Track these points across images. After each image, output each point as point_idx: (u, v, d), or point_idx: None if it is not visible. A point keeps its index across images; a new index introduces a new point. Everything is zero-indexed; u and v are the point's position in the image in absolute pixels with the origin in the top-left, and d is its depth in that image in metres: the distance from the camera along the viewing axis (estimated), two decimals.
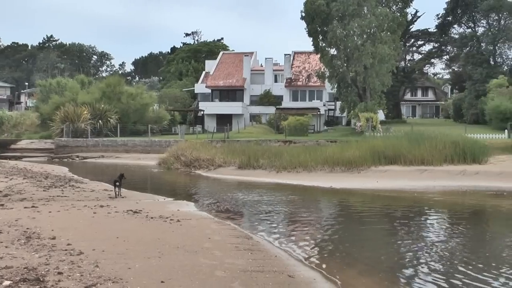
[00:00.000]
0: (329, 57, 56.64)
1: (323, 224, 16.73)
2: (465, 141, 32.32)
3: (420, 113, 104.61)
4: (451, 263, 11.35)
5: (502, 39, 71.57)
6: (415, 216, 18.27)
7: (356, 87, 56.46)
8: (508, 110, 53.69)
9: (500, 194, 22.96)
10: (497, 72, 68.04)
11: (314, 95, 77.59)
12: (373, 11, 54.36)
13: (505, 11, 70.22)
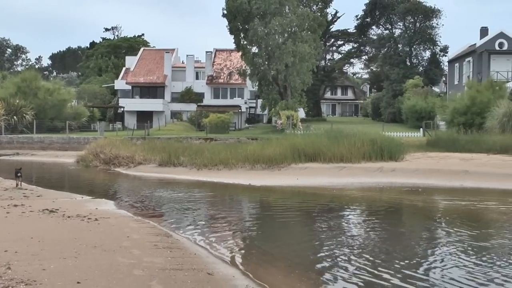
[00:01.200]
0: (251, 55, 56.93)
1: (243, 222, 16.79)
2: (383, 139, 33.18)
3: (340, 112, 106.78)
4: (368, 258, 11.60)
5: (417, 41, 74.08)
6: (334, 213, 18.58)
7: (277, 85, 57.01)
8: (423, 109, 55.63)
9: (415, 190, 23.66)
10: (413, 73, 70.40)
11: (236, 92, 77.81)
12: (294, 10, 55.08)
13: (420, 14, 72.71)
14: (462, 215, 17.59)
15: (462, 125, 41.06)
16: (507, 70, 56.83)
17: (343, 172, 28.27)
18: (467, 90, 48.53)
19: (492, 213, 18.34)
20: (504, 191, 23.15)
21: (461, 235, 14.12)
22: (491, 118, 40.69)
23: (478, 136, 36.98)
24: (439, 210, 19.36)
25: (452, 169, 28.02)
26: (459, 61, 65.06)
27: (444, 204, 20.56)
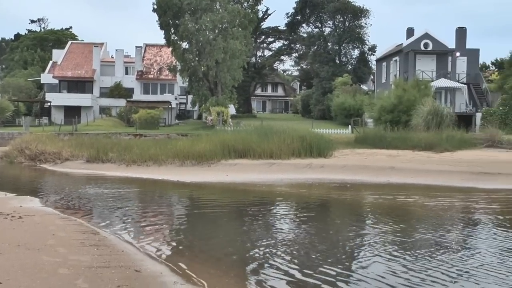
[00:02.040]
0: (181, 51, 56.45)
1: (172, 218, 16.67)
2: (312, 136, 33.64)
3: (270, 108, 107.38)
4: (295, 253, 11.72)
5: (346, 40, 75.32)
6: (263, 209, 18.67)
7: (208, 81, 56.81)
8: (351, 107, 56.60)
9: (343, 186, 24.07)
10: (342, 71, 71.52)
11: (166, 88, 76.98)
12: (225, 7, 54.96)
13: (349, 14, 73.93)
14: (388, 210, 18.03)
15: (389, 123, 42.03)
16: (431, 69, 58.48)
17: (272, 168, 28.46)
18: (394, 89, 49.68)
19: (416, 208, 18.85)
20: (428, 186, 23.86)
21: (387, 229, 14.47)
22: (416, 116, 41.85)
23: (404, 133, 38.03)
24: (366, 206, 19.76)
25: (379, 165, 28.68)
26: (386, 60, 66.51)
27: (371, 199, 20.99)
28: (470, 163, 29.12)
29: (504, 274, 10.21)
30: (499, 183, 24.08)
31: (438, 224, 15.33)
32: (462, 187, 23.55)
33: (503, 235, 13.78)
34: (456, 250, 12.17)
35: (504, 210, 17.89)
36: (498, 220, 16.07)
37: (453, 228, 14.96)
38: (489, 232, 14.39)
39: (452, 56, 59.27)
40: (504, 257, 11.49)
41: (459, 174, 26.05)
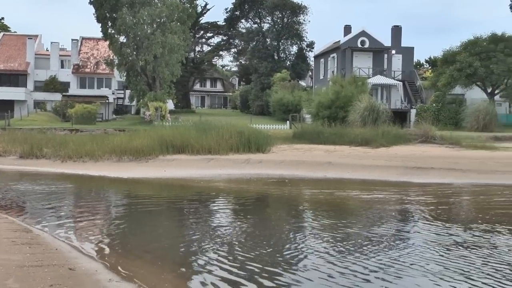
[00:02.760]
0: (119, 45, 55.57)
1: (108, 215, 16.40)
2: (250, 131, 33.70)
3: (209, 104, 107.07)
4: (236, 248, 11.70)
5: (285, 36, 75.79)
6: (201, 204, 18.59)
7: (146, 76, 56.13)
8: (290, 102, 56.96)
9: (282, 181, 24.22)
10: (280, 67, 71.94)
11: (103, 83, 75.71)
12: (164, 1, 54.42)
13: (288, 10, 74.37)
14: (325, 204, 18.24)
15: (327, 118, 42.50)
16: (368, 66, 59.50)
17: (211, 163, 28.38)
18: (332, 85, 50.32)
19: (352, 202, 19.15)
20: (364, 181, 24.28)
21: (323, 223, 14.63)
22: (353, 112, 42.53)
23: (341, 129, 38.59)
24: (304, 200, 19.94)
25: (317, 160, 28.99)
26: (324, 57, 67.27)
27: (309, 194, 21.20)
28: (405, 158, 29.81)
29: (429, 265, 10.48)
30: (431, 177, 24.73)
31: (374, 218, 15.60)
32: (397, 181, 24.05)
33: (434, 228, 14.14)
34: (389, 243, 12.40)
35: (436, 203, 18.34)
36: (430, 213, 16.46)
37: (387, 221, 15.25)
38: (420, 225, 14.74)
39: (388, 53, 60.46)
40: (433, 249, 11.78)
41: (394, 169, 26.61)
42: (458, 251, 11.62)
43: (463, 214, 16.98)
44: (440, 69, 54.19)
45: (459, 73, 50.56)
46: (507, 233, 13.54)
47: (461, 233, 13.49)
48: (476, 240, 12.65)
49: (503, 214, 16.25)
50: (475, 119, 47.53)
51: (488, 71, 49.71)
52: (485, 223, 14.63)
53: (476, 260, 10.87)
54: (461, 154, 32.27)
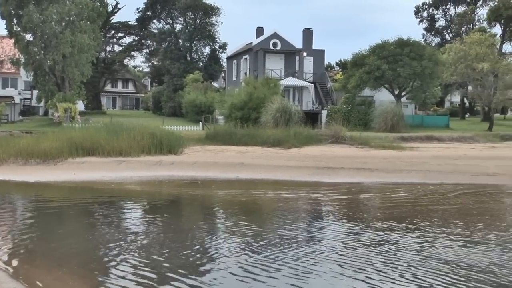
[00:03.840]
0: (25, 43, 53.60)
1: (13, 221, 15.75)
2: (163, 133, 33.31)
3: (121, 105, 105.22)
4: (147, 252, 11.50)
5: (198, 37, 75.61)
6: (112, 207, 18.18)
7: (54, 76, 54.43)
8: (202, 104, 56.79)
9: (194, 182, 24.06)
10: (193, 68, 71.70)
11: (8, 82, 72.84)
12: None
13: (200, 11, 74.22)
14: (237, 205, 18.27)
15: (239, 120, 42.66)
16: (280, 68, 60.17)
17: (122, 166, 27.83)
18: (245, 86, 50.56)
19: (264, 202, 19.27)
20: (276, 181, 24.48)
21: (235, 225, 14.62)
22: (265, 113, 42.89)
23: (254, 130, 38.83)
24: (216, 202, 19.88)
25: (229, 161, 29.01)
26: (237, 58, 67.52)
27: (222, 195, 21.18)
28: (316, 158, 30.33)
29: (334, 260, 10.69)
30: (341, 177, 25.25)
31: (285, 218, 15.73)
32: (309, 181, 24.40)
33: (340, 227, 14.45)
34: (297, 243, 12.53)
35: (344, 202, 18.73)
36: (339, 212, 16.79)
37: (297, 221, 15.42)
38: (329, 224, 15.03)
39: (299, 55, 61.35)
40: (338, 248, 12.02)
41: (305, 169, 26.99)
42: (360, 249, 11.87)
43: (369, 212, 17.39)
44: (350, 72, 55.61)
45: (368, 76, 52.08)
46: (408, 230, 13.97)
47: (366, 231, 13.82)
48: (379, 238, 12.99)
49: (407, 212, 16.78)
50: (383, 120, 49.03)
51: (395, 74, 51.44)
52: (390, 221, 15.07)
53: (375, 258, 11.14)
54: (370, 154, 33.21)
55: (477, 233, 13.74)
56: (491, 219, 16.09)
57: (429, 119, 60.57)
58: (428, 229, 14.13)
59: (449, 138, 43.72)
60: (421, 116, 63.16)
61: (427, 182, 24.08)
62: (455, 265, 10.71)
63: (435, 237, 13.18)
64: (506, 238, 13.19)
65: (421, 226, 14.52)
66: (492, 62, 53.87)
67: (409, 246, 12.19)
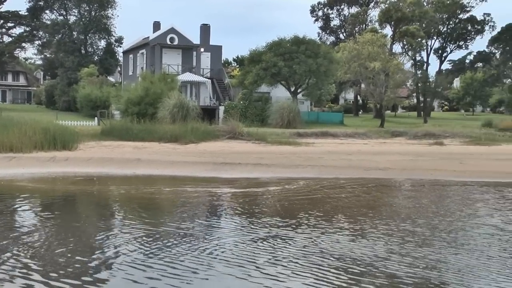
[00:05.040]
0: None
1: None
2: (56, 128, 32.33)
3: (11, 99, 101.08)
4: (41, 253, 11.16)
5: (92, 30, 73.84)
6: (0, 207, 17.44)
7: None
8: (98, 98, 55.63)
9: (89, 179, 23.51)
10: (88, 61, 70.01)
11: None
12: None
13: (95, 3, 72.53)
14: (134, 202, 18.04)
15: (136, 115, 42.13)
16: (177, 63, 59.93)
17: (12, 162, 26.73)
18: (141, 81, 50.01)
19: (161, 198, 19.16)
20: (174, 177, 24.38)
21: (132, 221, 14.44)
22: (163, 108, 42.61)
23: (151, 125, 38.47)
24: (111, 198, 19.53)
25: (126, 157, 28.60)
26: (133, 53, 66.54)
27: (118, 192, 20.81)
28: (214, 154, 30.46)
29: (221, 257, 10.86)
30: (238, 172, 25.50)
31: (181, 214, 15.72)
32: (206, 177, 24.43)
33: (236, 222, 14.65)
34: (198, 238, 12.57)
35: (241, 198, 18.91)
36: (235, 208, 16.97)
37: (194, 217, 15.43)
38: (225, 219, 15.20)
39: (197, 51, 61.33)
40: (230, 242, 12.19)
41: (203, 165, 27.04)
42: (248, 245, 12.02)
43: (263, 208, 17.58)
44: (247, 68, 56.17)
45: (265, 72, 52.82)
46: (299, 225, 14.29)
47: (257, 227, 13.99)
48: (270, 234, 13.20)
49: (300, 206, 17.16)
50: (279, 116, 49.92)
51: (291, 71, 52.47)
52: (282, 216, 15.38)
53: (260, 254, 11.29)
54: (266, 150, 33.74)
55: (365, 227, 14.25)
56: (381, 212, 16.76)
57: (324, 116, 62.31)
58: (319, 223, 14.49)
59: (343, 134, 45.13)
60: (316, 113, 64.82)
61: (322, 176, 24.74)
62: (338, 258, 10.98)
63: (325, 231, 13.51)
64: (392, 231, 13.75)
65: (313, 220, 14.87)
66: (383, 62, 56.21)
67: (297, 241, 12.39)
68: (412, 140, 44.36)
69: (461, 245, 12.38)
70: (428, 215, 16.05)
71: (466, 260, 11.06)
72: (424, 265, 10.63)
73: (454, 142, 43.47)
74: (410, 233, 13.50)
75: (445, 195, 20.97)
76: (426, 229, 13.95)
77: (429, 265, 10.65)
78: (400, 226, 14.28)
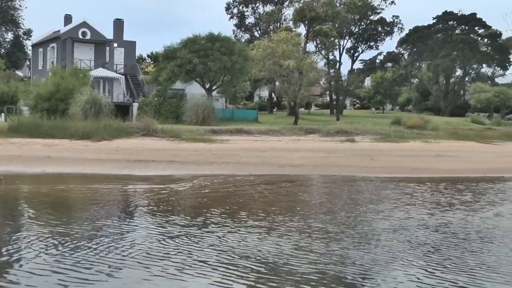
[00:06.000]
0: None
1: None
2: None
3: None
4: None
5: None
6: None
7: None
8: (5, 93, 53.46)
9: None
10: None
11: None
12: None
13: None
14: (42, 201, 17.41)
15: (46, 111, 40.92)
16: (90, 58, 58.55)
17: None
18: (52, 76, 48.58)
19: (71, 197, 18.63)
20: (85, 175, 23.73)
21: (41, 222, 13.93)
22: (74, 104, 41.54)
23: (62, 122, 37.49)
24: (19, 198, 18.79)
25: (35, 155, 27.69)
26: (43, 46, 64.46)
27: (26, 190, 20.08)
28: (127, 151, 29.96)
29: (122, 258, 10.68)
30: (152, 169, 25.14)
31: (92, 213, 15.30)
32: (119, 174, 23.93)
33: (147, 221, 14.47)
34: (107, 238, 12.27)
35: (153, 196, 18.61)
36: (147, 206, 16.71)
37: (106, 217, 15.05)
38: (137, 219, 14.95)
39: (110, 46, 60.17)
40: (137, 241, 12.02)
41: (116, 162, 26.53)
42: (159, 245, 11.86)
43: (175, 206, 17.29)
44: (162, 64, 55.57)
45: (180, 69, 52.43)
46: (209, 223, 14.20)
47: (167, 225, 13.80)
48: (177, 233, 13.03)
49: (212, 204, 17.07)
50: (194, 113, 49.68)
51: (206, 68, 52.33)
52: (194, 214, 15.26)
53: (163, 254, 11.07)
54: (181, 147, 33.51)
55: (275, 224, 14.23)
56: (291, 209, 16.86)
57: (239, 113, 62.51)
58: (229, 221, 14.40)
59: (258, 131, 45.42)
60: (231, 110, 64.96)
61: (236, 173, 24.74)
62: (245, 257, 10.92)
63: (234, 229, 13.43)
64: (301, 228, 13.86)
65: (223, 218, 14.75)
66: (297, 60, 56.97)
67: (205, 240, 12.25)
68: (325, 137, 45.23)
69: (367, 240, 12.64)
70: (337, 211, 16.32)
71: (371, 255, 11.28)
72: (329, 260, 10.76)
73: (365, 139, 44.66)
74: (319, 229, 13.65)
75: (355, 191, 21.44)
76: (334, 225, 14.14)
77: (335, 260, 10.79)
78: (309, 223, 14.41)
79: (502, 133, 52.43)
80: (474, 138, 48.24)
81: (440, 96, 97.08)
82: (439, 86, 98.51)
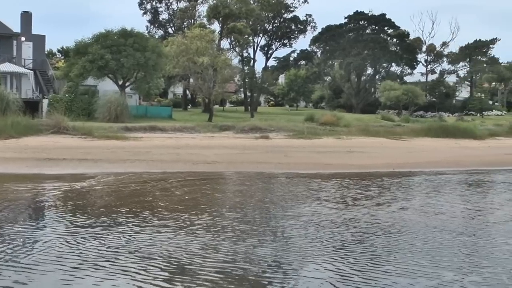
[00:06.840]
0: None
1: None
2: None
3: None
4: None
5: None
6: None
7: None
8: None
9: None
10: None
11: None
12: None
13: None
14: None
15: None
16: None
17: None
18: None
19: None
20: None
21: None
22: None
23: None
24: None
25: None
26: None
27: None
28: (36, 149, 29.09)
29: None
30: (63, 168, 24.52)
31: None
32: (28, 173, 23.19)
33: (57, 222, 14.16)
34: (10, 241, 11.92)
35: (63, 195, 18.15)
36: (56, 206, 16.31)
37: (12, 218, 14.59)
38: (43, 220, 14.59)
39: (17, 40, 58.13)
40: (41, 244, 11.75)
41: (24, 161, 25.71)
42: (65, 247, 11.58)
43: (84, 205, 16.80)
44: (73, 60, 54.13)
45: (92, 65, 51.22)
46: (117, 223, 13.97)
47: (74, 226, 13.49)
48: (85, 234, 12.75)
49: (123, 203, 16.84)
50: (107, 110, 48.75)
51: (119, 64, 51.38)
52: (103, 214, 15.00)
53: (73, 256, 10.87)
54: (93, 144, 32.86)
55: (185, 222, 14.07)
56: (203, 207, 16.82)
57: (153, 110, 61.85)
58: (139, 220, 14.17)
59: (172, 128, 45.10)
60: (145, 107, 64.16)
61: (150, 171, 24.51)
62: (151, 258, 10.76)
63: (143, 229, 13.18)
64: (211, 225, 13.85)
65: (133, 217, 14.46)
66: (212, 57, 56.95)
67: (111, 241, 12.00)
68: (240, 134, 45.45)
69: (275, 237, 12.81)
70: (248, 208, 16.45)
71: (277, 252, 11.42)
72: (235, 258, 10.82)
73: (279, 136, 45.22)
74: (227, 227, 13.70)
75: (268, 188, 21.65)
76: (243, 223, 14.21)
77: (243, 258, 10.86)
78: (218, 221, 14.39)
79: (410, 130, 54.28)
80: (384, 134, 49.75)
81: (352, 93, 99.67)
82: (351, 84, 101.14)
